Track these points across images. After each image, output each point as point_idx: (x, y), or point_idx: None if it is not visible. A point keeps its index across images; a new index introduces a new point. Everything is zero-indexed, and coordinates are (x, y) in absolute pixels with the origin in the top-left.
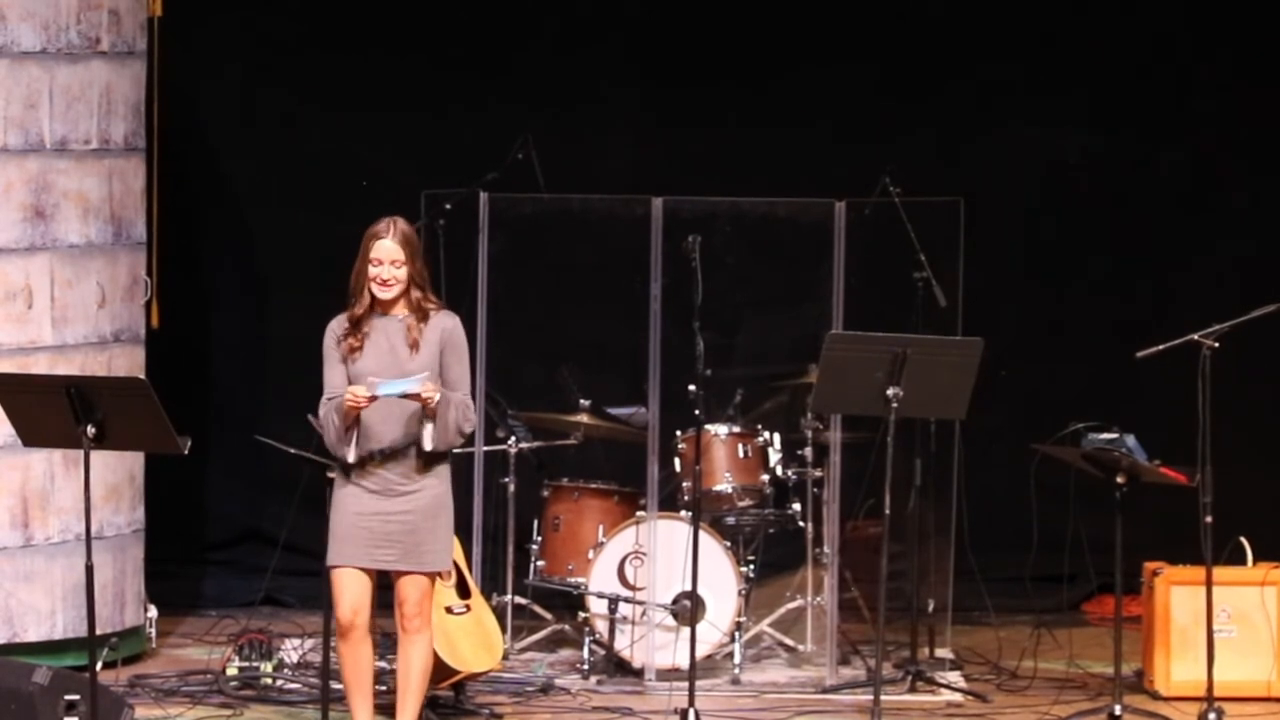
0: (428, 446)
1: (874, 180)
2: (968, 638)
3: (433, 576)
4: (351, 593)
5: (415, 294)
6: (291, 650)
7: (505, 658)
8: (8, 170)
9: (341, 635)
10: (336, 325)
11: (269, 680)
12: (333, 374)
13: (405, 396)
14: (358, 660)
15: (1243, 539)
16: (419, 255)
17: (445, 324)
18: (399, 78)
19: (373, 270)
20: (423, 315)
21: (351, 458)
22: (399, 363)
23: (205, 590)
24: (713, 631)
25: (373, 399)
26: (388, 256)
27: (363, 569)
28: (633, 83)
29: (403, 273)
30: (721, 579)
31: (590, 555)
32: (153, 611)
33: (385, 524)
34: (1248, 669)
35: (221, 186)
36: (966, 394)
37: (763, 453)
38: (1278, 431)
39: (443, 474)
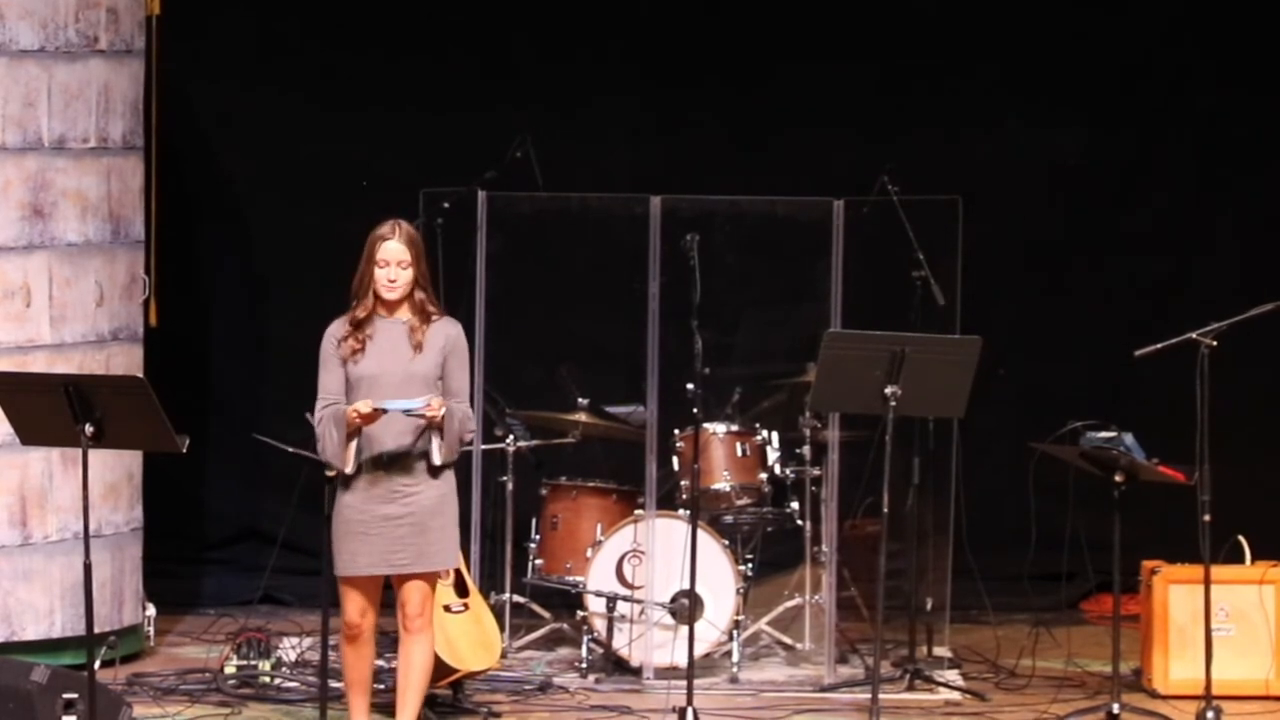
0: (437, 460)
1: (873, 179)
2: (966, 636)
3: (435, 576)
4: (362, 598)
5: (419, 296)
6: (290, 649)
7: (503, 656)
8: (6, 168)
9: (349, 639)
10: (336, 329)
11: (267, 679)
12: (330, 378)
13: (409, 414)
14: (361, 660)
15: (1241, 537)
16: (423, 257)
17: (449, 331)
18: (399, 78)
19: (379, 272)
20: (425, 317)
21: (349, 469)
22: (402, 364)
23: (203, 589)
24: (711, 630)
25: (379, 413)
26: (394, 258)
27: (375, 575)
28: (632, 82)
29: (409, 274)
30: (720, 577)
31: (588, 554)
32: (151, 610)
33: (396, 528)
34: (1246, 667)
35: (220, 186)
36: (965, 392)
37: (761, 451)
38: (1276, 430)
39: (446, 474)
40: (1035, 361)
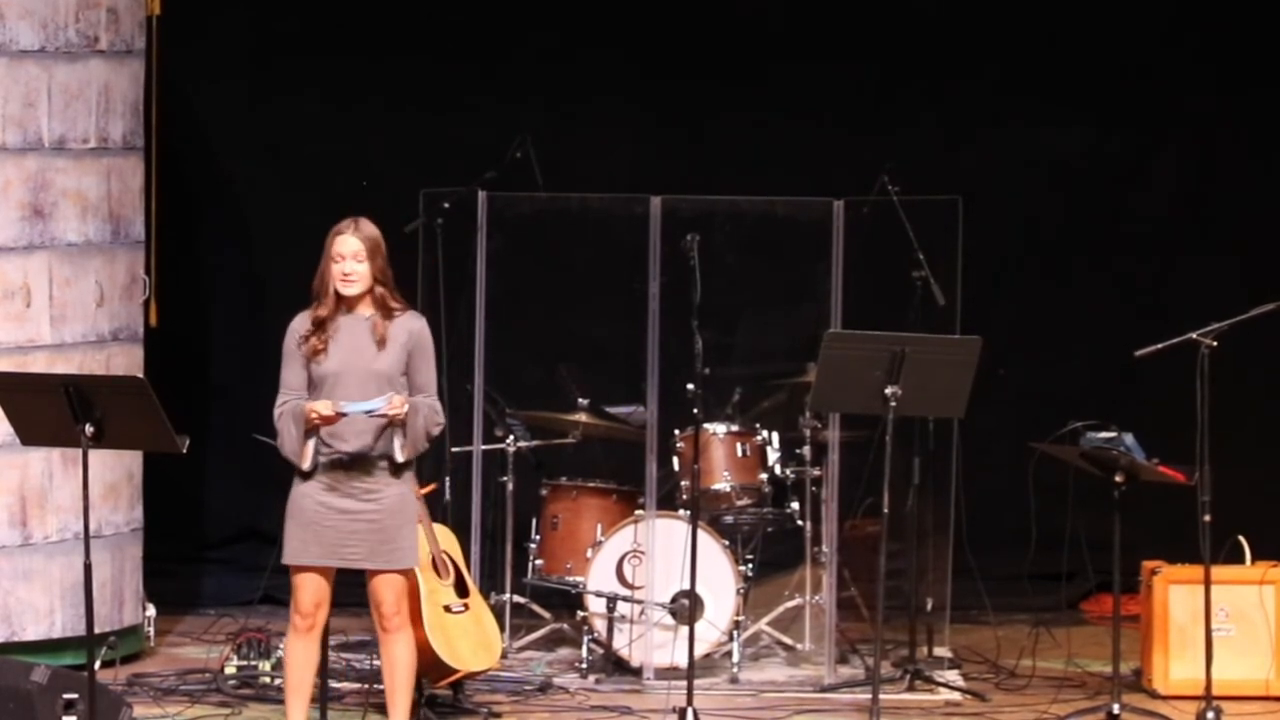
0: (400, 458)
1: (873, 179)
2: (966, 636)
3: (406, 574)
4: (315, 586)
5: (379, 291)
6: None
7: (504, 656)
8: (6, 169)
9: (300, 631)
10: (299, 324)
11: (267, 679)
12: (291, 374)
13: (371, 415)
14: (308, 661)
15: (1241, 538)
16: (382, 254)
17: (412, 326)
18: (399, 78)
19: (335, 267)
20: (387, 313)
21: (306, 466)
22: (365, 362)
23: (203, 589)
24: (711, 630)
25: (338, 415)
26: (349, 251)
27: (325, 567)
28: (631, 82)
29: (364, 268)
30: (720, 578)
31: (589, 554)
32: (151, 610)
33: (352, 522)
34: (1246, 668)
35: (220, 186)
36: (965, 392)
37: (761, 451)
38: (1276, 430)
39: (408, 474)
40: (1035, 361)
